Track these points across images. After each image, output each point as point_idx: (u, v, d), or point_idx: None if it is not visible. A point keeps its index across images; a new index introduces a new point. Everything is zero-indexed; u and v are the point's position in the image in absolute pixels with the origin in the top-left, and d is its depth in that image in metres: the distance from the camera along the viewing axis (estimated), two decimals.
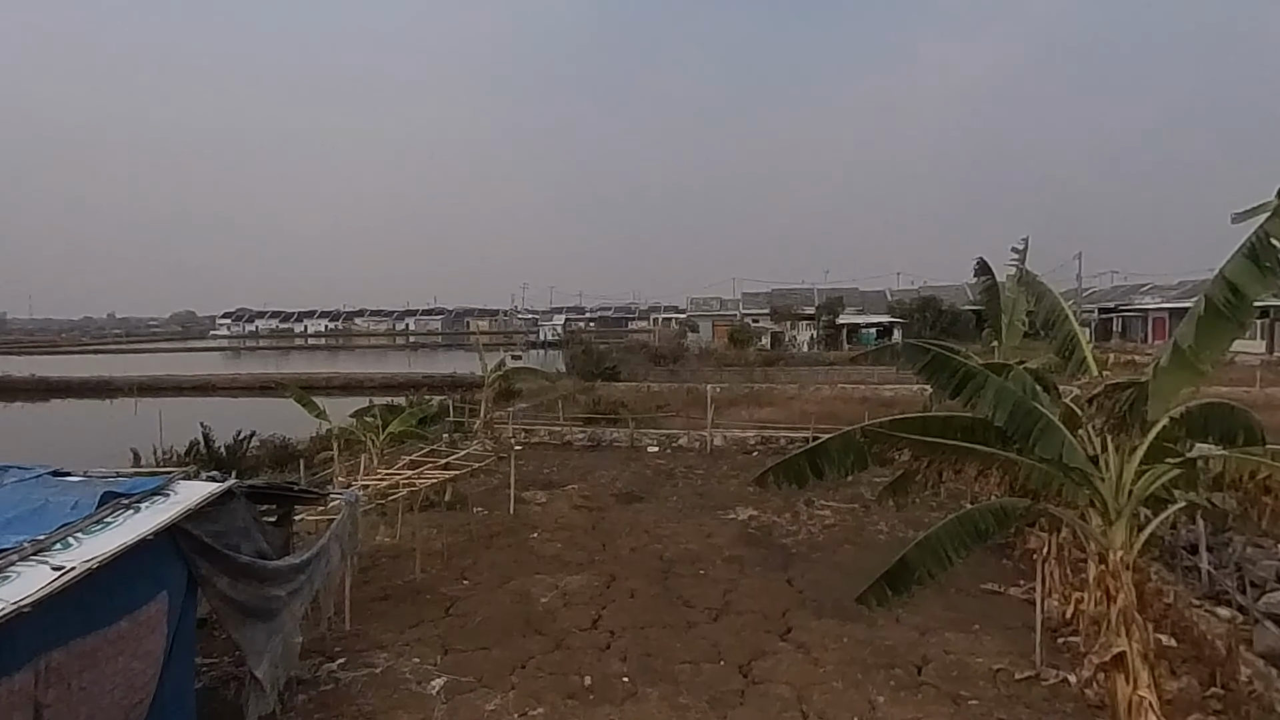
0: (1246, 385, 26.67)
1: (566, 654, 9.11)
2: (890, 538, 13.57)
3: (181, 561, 6.48)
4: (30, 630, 4.90)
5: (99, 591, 5.43)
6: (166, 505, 6.31)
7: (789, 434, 22.91)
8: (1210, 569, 9.70)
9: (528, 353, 70.12)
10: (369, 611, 10.32)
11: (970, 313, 56.61)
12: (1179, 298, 57.17)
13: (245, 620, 7.07)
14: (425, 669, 8.74)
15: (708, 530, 14.36)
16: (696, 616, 10.24)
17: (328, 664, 8.83)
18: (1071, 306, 8.23)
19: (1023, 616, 9.86)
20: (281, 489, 8.85)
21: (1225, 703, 7.49)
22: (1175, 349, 5.30)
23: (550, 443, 24.36)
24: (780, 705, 7.89)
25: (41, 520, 5.86)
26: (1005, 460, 6.09)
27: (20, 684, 4.99)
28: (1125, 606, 5.82)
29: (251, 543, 7.27)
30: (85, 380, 57.62)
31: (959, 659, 8.90)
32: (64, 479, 7.05)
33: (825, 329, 65.22)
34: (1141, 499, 6.11)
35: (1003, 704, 7.86)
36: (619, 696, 8.09)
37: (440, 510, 15.59)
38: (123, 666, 5.87)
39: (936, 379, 6.33)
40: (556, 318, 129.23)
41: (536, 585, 11.41)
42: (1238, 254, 5.15)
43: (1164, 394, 5.53)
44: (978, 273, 15.28)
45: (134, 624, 5.96)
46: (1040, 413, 6.27)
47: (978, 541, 6.45)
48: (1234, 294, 5.09)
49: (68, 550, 5.42)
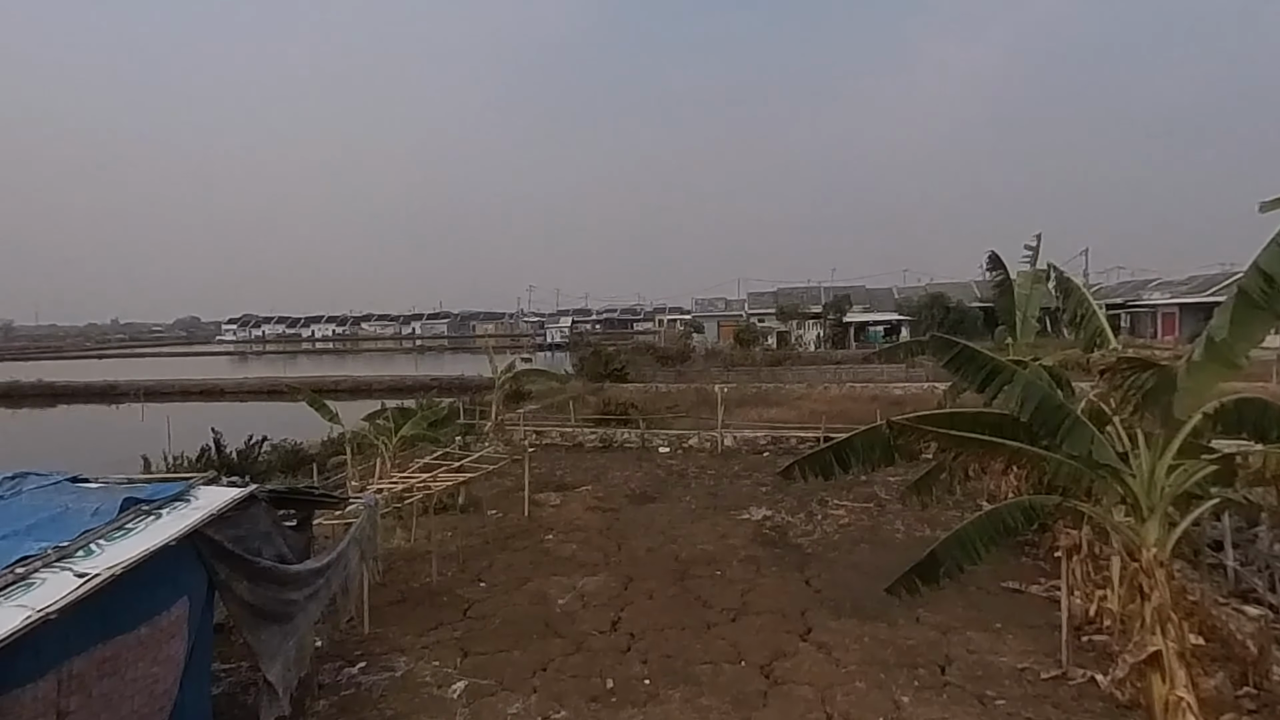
0: (1263, 380, 26.44)
1: (587, 656, 9.05)
2: (907, 537, 13.48)
3: (202, 567, 6.44)
4: (53, 637, 4.86)
5: (121, 598, 5.39)
6: (188, 511, 6.28)
7: (800, 434, 22.83)
8: (1236, 566, 9.60)
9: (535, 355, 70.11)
10: (387, 614, 10.28)
11: (978, 310, 56.42)
12: (1188, 293, 56.78)
13: (261, 624, 7.03)
14: (445, 672, 8.69)
15: (722, 530, 14.28)
16: (715, 617, 10.17)
17: (348, 668, 8.79)
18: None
19: (1045, 615, 9.75)
20: (302, 493, 8.81)
21: (1259, 701, 7.39)
22: (1209, 342, 5.21)
23: (562, 444, 24.32)
24: (804, 706, 7.82)
25: (63, 527, 5.83)
26: (1034, 456, 6.02)
27: (43, 691, 4.96)
28: (1160, 605, 5.73)
29: (273, 547, 7.24)
30: (90, 385, 57.80)
31: (982, 658, 8.81)
32: (83, 485, 7.03)
33: (832, 328, 65.06)
34: (1175, 496, 6.02)
35: (1030, 704, 7.76)
36: (641, 699, 8.03)
37: (455, 513, 15.56)
38: (143, 673, 5.83)
39: (964, 371, 6.25)
40: (563, 320, 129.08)
41: (554, 587, 11.36)
42: (1272, 244, 5.06)
43: (1198, 388, 5.44)
44: (990, 267, 15.21)
45: (155, 630, 5.92)
46: (1068, 409, 6.19)
47: (1006, 537, 6.42)
48: (1269, 284, 5.00)
49: (90, 557, 5.39)
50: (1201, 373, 5.35)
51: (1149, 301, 63.67)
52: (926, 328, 55.26)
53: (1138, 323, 64.05)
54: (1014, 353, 13.10)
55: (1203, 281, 57.19)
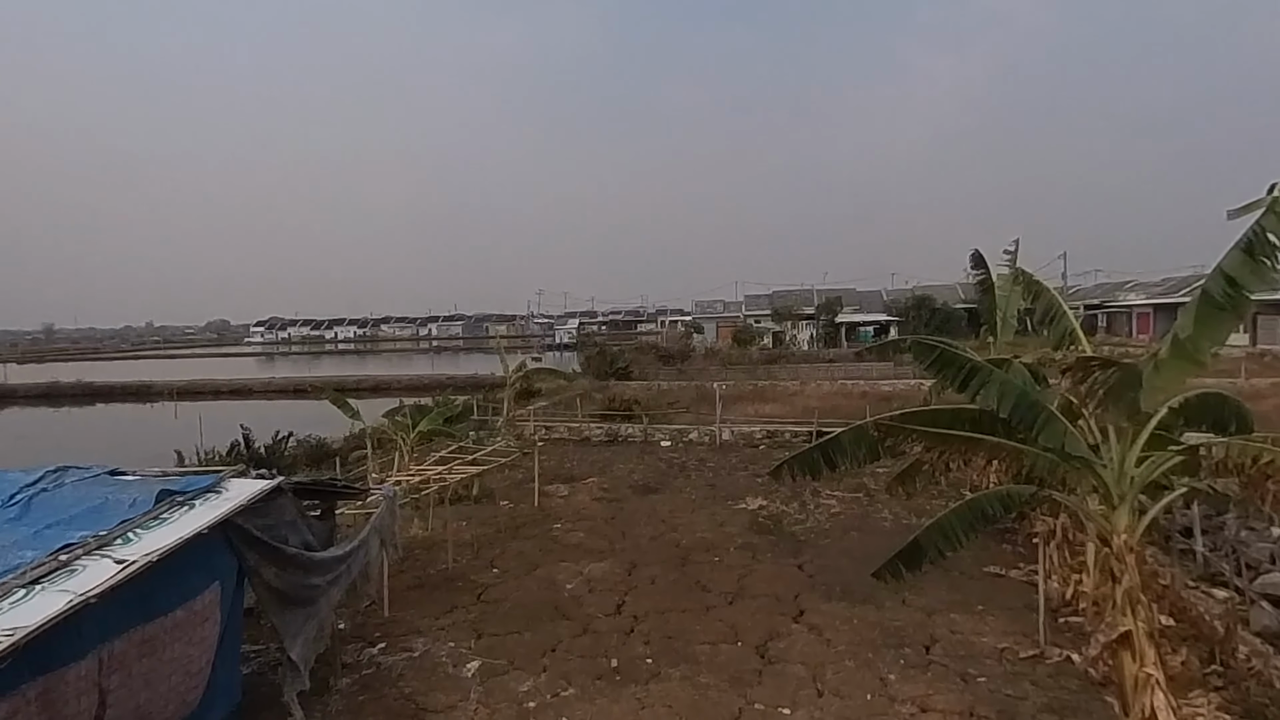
0: (1231, 376, 26.39)
1: (593, 637, 9.09)
2: (895, 525, 13.51)
3: (232, 554, 6.50)
4: (94, 620, 4.93)
5: (157, 583, 5.46)
6: (219, 501, 6.34)
7: (794, 428, 22.82)
8: (1205, 552, 9.60)
9: (545, 354, 70.11)
10: (405, 599, 10.33)
11: (962, 310, 56.35)
12: (1162, 294, 56.62)
13: (286, 606, 7.09)
14: (460, 652, 8.75)
15: (720, 519, 14.31)
16: (713, 601, 10.20)
17: (369, 649, 8.85)
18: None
19: (1024, 598, 9.77)
20: (325, 485, 8.86)
21: (1225, 679, 7.41)
22: (1175, 341, 5.24)
23: (570, 438, 24.34)
24: (796, 684, 7.86)
25: (102, 517, 5.90)
26: (1012, 449, 6.03)
27: (85, 670, 5.03)
28: (1130, 588, 5.75)
29: (298, 535, 7.29)
30: (127, 385, 57.93)
31: (965, 639, 8.83)
32: (121, 478, 7.09)
33: (825, 328, 64.92)
34: (1143, 485, 6.03)
35: (1009, 681, 7.79)
36: (644, 677, 8.07)
37: (469, 504, 15.60)
38: (179, 653, 5.90)
39: (945, 373, 6.26)
40: (570, 321, 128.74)
41: (562, 573, 11.40)
42: (1234, 249, 5.09)
43: (1165, 385, 5.45)
44: (974, 266, 15.15)
45: (189, 613, 5.99)
46: (1042, 405, 6.19)
47: (985, 525, 6.41)
48: (1232, 287, 5.02)
49: (128, 545, 5.46)
50: (1168, 369, 5.36)
51: (1125, 302, 63.54)
52: (914, 327, 55.22)
53: (1114, 322, 63.94)
54: (995, 351, 13.08)
55: (1176, 283, 57.02)
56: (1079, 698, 7.39)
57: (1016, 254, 14.00)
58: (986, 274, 14.73)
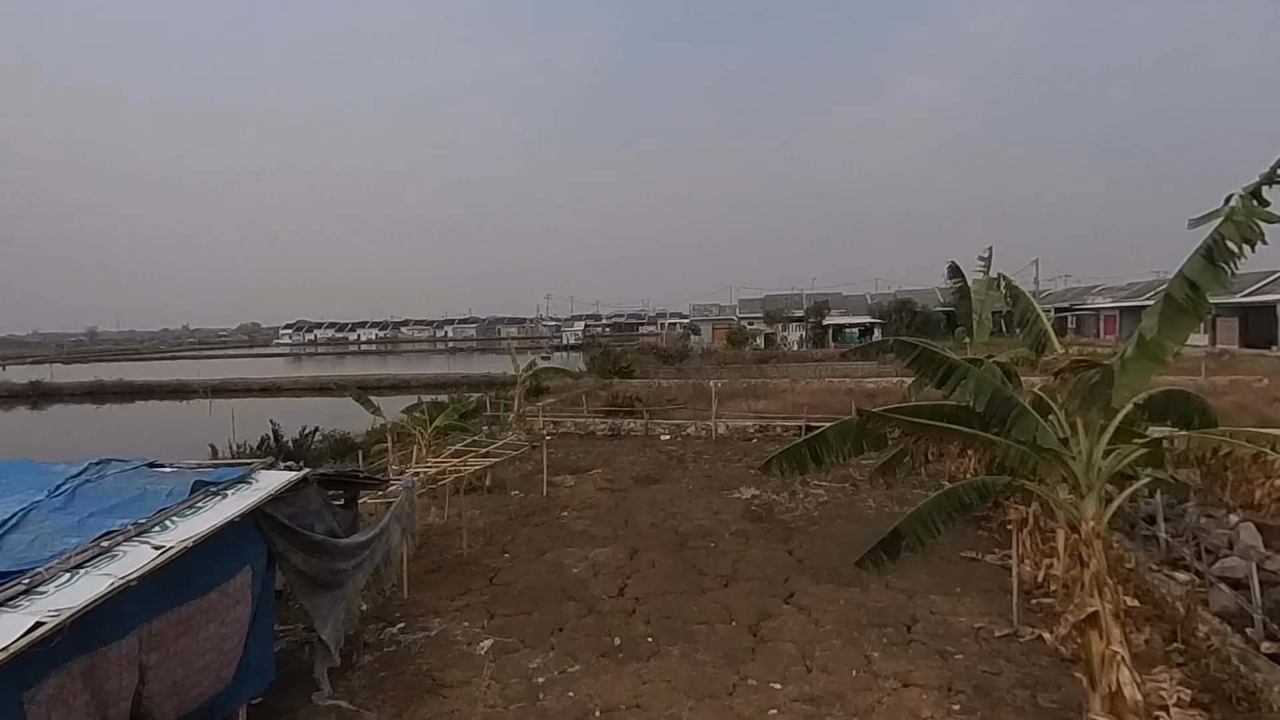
0: (1192, 374, 26.32)
1: (598, 618, 9.09)
2: (878, 513, 13.48)
3: (262, 540, 6.50)
4: (134, 602, 4.93)
5: (193, 567, 5.46)
6: (249, 491, 6.34)
7: (784, 423, 22.79)
8: (1168, 538, 9.58)
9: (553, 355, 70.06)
10: (423, 582, 10.33)
11: (941, 313, 56.26)
12: (1128, 297, 56.59)
13: (314, 590, 7.09)
14: (474, 631, 8.75)
15: (716, 508, 14.29)
16: (710, 583, 10.19)
17: (389, 628, 8.85)
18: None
19: (999, 581, 9.76)
20: (349, 476, 8.86)
21: (1186, 656, 7.40)
22: (1140, 341, 5.22)
23: (576, 433, 24.32)
24: (786, 660, 7.85)
25: (141, 506, 5.90)
26: (986, 441, 6.01)
27: (127, 649, 5.03)
28: (1097, 571, 5.72)
29: (323, 523, 7.29)
30: (165, 383, 58.01)
31: (943, 619, 8.82)
32: (159, 470, 7.09)
33: (813, 329, 64.93)
34: (1110, 476, 6.02)
35: (985, 658, 7.79)
36: (645, 654, 8.07)
37: (482, 493, 15.61)
38: (214, 633, 5.90)
39: (925, 370, 6.24)
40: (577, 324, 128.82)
41: (569, 557, 11.39)
42: (1195, 254, 5.07)
43: (1130, 382, 5.44)
44: (950, 275, 15.16)
45: (223, 595, 5.99)
46: (1015, 400, 6.17)
47: (961, 513, 6.37)
48: (1193, 290, 5.01)
49: (165, 532, 5.46)
50: (1134, 368, 5.34)
51: (1092, 305, 63.52)
52: (896, 329, 55.21)
53: (1082, 324, 63.82)
54: (971, 351, 13.07)
55: (1140, 287, 57.03)
56: (1050, 673, 7.38)
57: (990, 261, 14.07)
58: (963, 281, 14.72)
